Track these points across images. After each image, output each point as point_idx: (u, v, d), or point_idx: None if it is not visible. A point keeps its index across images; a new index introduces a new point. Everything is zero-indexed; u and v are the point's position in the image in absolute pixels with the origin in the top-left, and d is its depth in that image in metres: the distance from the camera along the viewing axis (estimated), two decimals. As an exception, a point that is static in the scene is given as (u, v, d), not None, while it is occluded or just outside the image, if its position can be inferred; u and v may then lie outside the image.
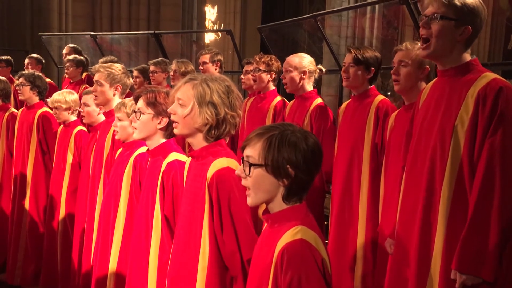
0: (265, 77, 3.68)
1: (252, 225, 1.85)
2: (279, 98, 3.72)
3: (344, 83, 3.00)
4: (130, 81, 3.23)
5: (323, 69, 3.42)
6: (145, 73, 4.95)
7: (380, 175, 2.78)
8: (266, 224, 1.61)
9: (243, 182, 1.54)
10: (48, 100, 3.68)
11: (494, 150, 1.83)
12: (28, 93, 3.96)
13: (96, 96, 3.09)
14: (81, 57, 5.56)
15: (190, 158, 2.06)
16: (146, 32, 8.05)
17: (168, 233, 2.15)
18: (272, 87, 3.76)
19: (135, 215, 2.42)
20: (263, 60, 3.66)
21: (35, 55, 6.19)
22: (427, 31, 1.99)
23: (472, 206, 1.84)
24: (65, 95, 3.60)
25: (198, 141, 1.93)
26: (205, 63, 4.42)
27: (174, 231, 2.11)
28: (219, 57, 4.46)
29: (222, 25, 14.52)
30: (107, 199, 2.70)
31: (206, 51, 4.53)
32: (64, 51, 6.03)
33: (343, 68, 2.98)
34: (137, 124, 2.28)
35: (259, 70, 3.67)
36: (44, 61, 6.24)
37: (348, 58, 2.95)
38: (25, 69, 5.72)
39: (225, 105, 1.88)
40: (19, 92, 4.01)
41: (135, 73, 5.01)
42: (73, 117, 3.63)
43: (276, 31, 6.04)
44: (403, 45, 2.56)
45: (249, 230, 1.83)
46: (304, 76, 3.31)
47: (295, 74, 3.29)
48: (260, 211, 3.28)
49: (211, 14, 14.15)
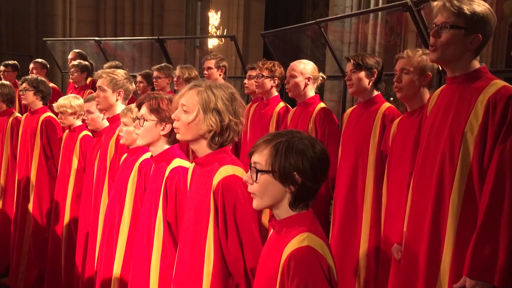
0: (268, 83, 3.70)
1: (257, 233, 1.86)
2: (282, 104, 3.73)
3: (350, 91, 3.01)
4: (133, 86, 3.25)
5: (324, 77, 3.45)
6: (148, 78, 4.97)
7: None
8: (272, 230, 1.61)
9: (250, 188, 1.55)
10: (53, 105, 3.70)
11: (505, 157, 1.84)
12: (31, 98, 3.98)
13: (99, 101, 3.11)
14: (86, 63, 5.59)
15: (193, 164, 2.07)
16: (150, 37, 8.09)
17: (170, 238, 2.16)
18: (275, 93, 3.78)
19: (138, 220, 2.43)
20: (266, 66, 3.68)
21: (40, 60, 6.23)
22: (437, 40, 1.99)
23: (482, 213, 1.84)
24: (70, 100, 3.62)
25: (202, 148, 1.94)
26: (210, 68, 4.44)
27: (178, 237, 2.12)
28: (224, 63, 4.48)
29: (225, 30, 14.55)
30: (111, 204, 2.70)
31: (211, 56, 4.56)
32: (70, 56, 6.06)
33: (346, 77, 3.00)
34: (140, 130, 2.29)
35: (262, 76, 3.68)
36: (48, 66, 6.28)
37: (348, 66, 2.98)
38: (30, 74, 5.76)
39: (229, 112, 1.89)
40: (22, 97, 4.03)
41: (139, 78, 5.03)
42: (79, 122, 3.65)
43: (279, 37, 6.07)
44: (405, 52, 2.57)
45: (254, 238, 1.84)
46: (308, 82, 3.33)
47: (299, 80, 3.31)
48: (264, 219, 3.30)
49: (214, 19, 14.18)
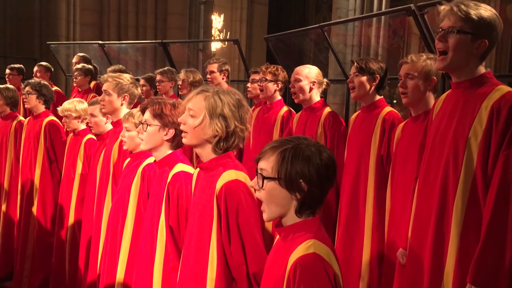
0: (271, 87, 3.70)
1: (260, 238, 1.86)
2: (285, 108, 3.73)
3: (352, 95, 3.03)
4: (138, 91, 3.26)
5: (329, 82, 3.46)
6: (151, 81, 4.98)
7: (386, 186, 2.78)
8: (278, 236, 1.61)
9: (257, 194, 1.55)
10: (58, 109, 3.71)
11: (509, 164, 1.82)
12: (34, 102, 3.98)
13: (104, 105, 3.13)
14: (90, 66, 5.59)
15: (197, 169, 2.07)
16: (154, 41, 8.10)
17: (172, 243, 2.17)
18: (279, 97, 3.78)
19: (142, 225, 2.43)
20: (269, 70, 3.68)
21: (44, 63, 6.24)
22: (443, 45, 1.98)
23: (487, 221, 1.83)
24: (75, 104, 3.63)
25: (206, 153, 1.95)
26: (212, 72, 4.44)
27: (181, 242, 2.13)
28: (227, 66, 4.49)
29: (229, 33, 14.58)
30: (115, 209, 2.71)
31: (214, 60, 4.56)
32: (74, 60, 6.07)
33: (348, 79, 3.01)
34: (143, 135, 2.30)
35: (266, 80, 3.68)
36: (52, 69, 6.29)
37: (352, 69, 3.00)
38: (34, 77, 5.77)
39: (235, 119, 1.90)
40: (25, 100, 4.03)
41: (142, 81, 5.04)
42: (83, 126, 3.66)
43: (282, 41, 6.08)
44: (409, 57, 2.56)
45: (256, 243, 1.84)
46: (313, 86, 3.34)
47: (305, 84, 3.32)
48: (267, 224, 3.30)
49: (217, 22, 14.20)
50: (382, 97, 3.01)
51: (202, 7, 12.26)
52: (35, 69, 6.06)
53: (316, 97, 3.37)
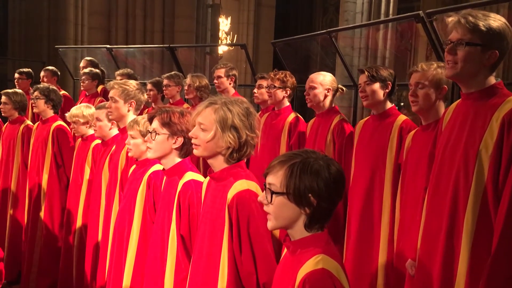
0: (280, 93, 3.68)
1: (271, 248, 1.86)
2: (293, 114, 3.71)
3: (364, 104, 2.98)
4: (145, 97, 3.26)
5: (344, 89, 3.42)
6: (158, 86, 4.97)
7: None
8: (286, 250, 1.60)
9: (265, 208, 1.54)
10: (66, 115, 3.71)
11: None
12: (42, 107, 4.00)
13: (111, 112, 3.12)
14: (97, 70, 5.61)
15: (207, 178, 2.07)
16: (161, 45, 8.12)
17: (183, 252, 2.17)
18: (287, 103, 3.76)
19: (151, 234, 2.43)
20: (278, 76, 3.67)
21: (50, 67, 6.25)
22: (453, 57, 1.96)
23: (498, 233, 1.81)
24: (82, 110, 3.64)
25: (219, 163, 1.95)
26: (219, 77, 4.43)
27: (192, 251, 2.12)
28: (234, 71, 4.47)
29: (236, 36, 14.59)
30: (120, 217, 2.71)
31: (221, 65, 4.54)
32: (81, 64, 6.09)
33: (359, 89, 2.98)
34: (152, 144, 2.29)
35: (274, 87, 3.67)
36: (59, 73, 6.30)
37: (362, 78, 2.94)
38: (41, 81, 5.80)
39: (246, 128, 1.91)
40: (33, 105, 4.05)
41: (149, 86, 5.02)
42: (91, 131, 3.66)
43: (289, 45, 6.08)
44: (419, 66, 2.53)
45: (267, 253, 1.84)
46: (327, 93, 3.32)
47: (319, 91, 3.30)
48: (276, 232, 3.28)
49: (224, 25, 14.22)
50: (394, 105, 2.98)
51: (209, 10, 12.28)
52: (42, 73, 6.07)
53: (330, 104, 3.36)
